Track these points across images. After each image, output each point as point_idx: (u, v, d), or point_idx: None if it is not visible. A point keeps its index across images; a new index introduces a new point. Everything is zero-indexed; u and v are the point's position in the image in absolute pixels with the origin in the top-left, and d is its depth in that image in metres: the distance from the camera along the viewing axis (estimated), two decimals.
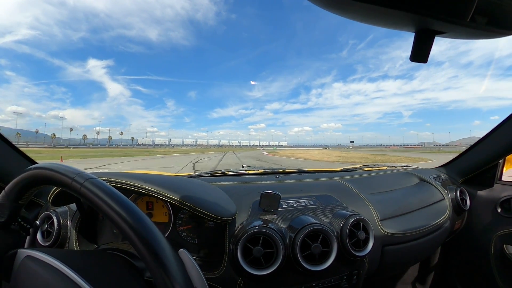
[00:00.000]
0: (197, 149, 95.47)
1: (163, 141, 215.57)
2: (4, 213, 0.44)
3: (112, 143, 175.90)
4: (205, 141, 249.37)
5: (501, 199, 1.32)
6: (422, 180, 1.34)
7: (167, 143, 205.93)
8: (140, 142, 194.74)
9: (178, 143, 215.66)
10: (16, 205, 0.45)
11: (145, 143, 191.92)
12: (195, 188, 0.81)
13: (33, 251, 0.42)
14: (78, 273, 0.39)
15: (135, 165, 15.11)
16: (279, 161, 19.45)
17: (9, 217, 0.45)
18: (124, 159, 21.47)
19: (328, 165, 15.37)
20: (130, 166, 14.48)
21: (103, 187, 0.41)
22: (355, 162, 15.10)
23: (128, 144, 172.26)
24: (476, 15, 0.30)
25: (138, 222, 0.38)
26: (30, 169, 0.43)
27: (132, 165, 14.78)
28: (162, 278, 0.35)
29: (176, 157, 24.64)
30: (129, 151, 54.53)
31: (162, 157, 25.16)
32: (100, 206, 0.39)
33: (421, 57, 0.35)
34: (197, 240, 0.86)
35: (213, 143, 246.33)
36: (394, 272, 1.45)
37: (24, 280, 0.40)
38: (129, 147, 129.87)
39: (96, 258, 0.53)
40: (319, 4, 0.31)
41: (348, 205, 0.95)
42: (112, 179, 0.69)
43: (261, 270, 0.70)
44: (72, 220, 0.85)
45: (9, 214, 0.45)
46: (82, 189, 0.40)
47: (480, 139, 1.38)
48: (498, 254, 1.27)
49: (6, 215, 0.44)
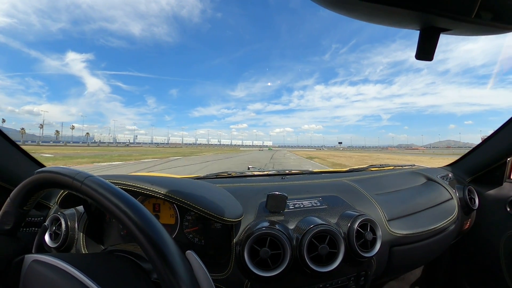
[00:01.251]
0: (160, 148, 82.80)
1: (143, 139, 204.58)
2: (10, 220, 0.45)
3: (90, 140, 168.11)
4: (179, 139, 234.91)
5: (510, 198, 1.29)
6: (430, 179, 1.32)
7: (151, 142, 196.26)
8: (119, 140, 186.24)
9: (146, 141, 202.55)
10: (21, 211, 0.46)
11: (124, 140, 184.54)
12: (201, 189, 0.82)
13: (40, 255, 0.43)
14: (86, 274, 0.39)
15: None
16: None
17: (15, 224, 0.46)
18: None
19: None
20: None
21: (102, 183, 0.41)
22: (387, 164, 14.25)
23: (106, 142, 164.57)
24: (481, 11, 0.29)
25: (141, 217, 0.38)
26: (33, 174, 0.44)
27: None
28: (169, 280, 0.35)
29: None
30: (137, 150, 47.29)
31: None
32: (102, 203, 0.40)
33: (427, 55, 0.34)
34: (204, 241, 0.86)
35: (189, 141, 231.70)
36: (402, 273, 1.43)
37: (32, 283, 0.40)
38: (113, 145, 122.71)
39: (103, 259, 0.53)
40: (323, 4, 0.31)
41: (355, 205, 0.94)
42: (120, 181, 0.70)
43: (268, 272, 0.70)
44: (79, 222, 0.86)
45: (15, 221, 0.45)
46: (83, 187, 0.41)
47: (488, 136, 1.36)
48: (508, 254, 1.25)
49: (12, 222, 0.45)
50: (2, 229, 0.45)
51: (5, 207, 0.45)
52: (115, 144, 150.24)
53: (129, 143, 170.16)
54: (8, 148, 0.95)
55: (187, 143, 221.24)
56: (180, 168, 11.33)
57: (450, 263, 1.51)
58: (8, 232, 0.45)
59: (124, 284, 0.46)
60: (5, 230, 0.45)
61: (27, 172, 0.99)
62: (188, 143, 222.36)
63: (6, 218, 0.45)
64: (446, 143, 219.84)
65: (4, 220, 0.45)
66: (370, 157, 25.75)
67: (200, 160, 17.08)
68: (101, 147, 65.39)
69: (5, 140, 0.93)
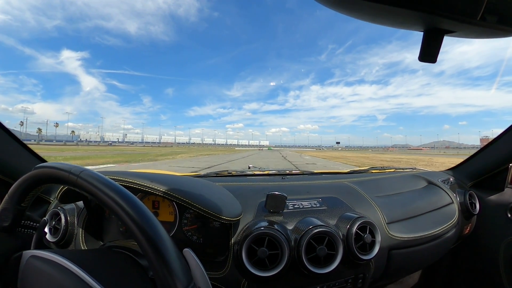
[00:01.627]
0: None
1: (133, 138, 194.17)
2: (8, 217, 0.45)
3: (74, 139, 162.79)
4: (172, 138, 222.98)
5: (511, 203, 1.28)
6: (430, 183, 1.32)
7: (141, 141, 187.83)
8: (108, 138, 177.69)
9: (137, 139, 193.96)
10: (19, 208, 0.46)
11: (113, 140, 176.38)
12: (201, 188, 0.82)
13: (38, 251, 0.43)
14: (84, 269, 0.39)
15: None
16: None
17: (13, 221, 0.46)
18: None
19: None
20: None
21: (98, 177, 0.41)
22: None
23: (93, 141, 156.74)
24: (486, 13, 0.29)
25: (137, 211, 0.38)
26: (32, 170, 0.44)
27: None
28: (165, 277, 0.35)
29: None
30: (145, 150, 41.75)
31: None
32: (98, 196, 0.40)
33: (430, 57, 0.34)
34: (202, 240, 0.86)
35: (183, 140, 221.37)
36: (400, 277, 1.43)
37: (30, 278, 0.41)
38: (102, 144, 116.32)
39: (101, 255, 0.53)
40: (327, 4, 0.30)
41: (354, 207, 0.94)
42: (119, 177, 0.70)
43: (266, 272, 0.70)
44: (79, 217, 0.86)
45: (13, 217, 0.46)
46: (79, 180, 0.41)
47: (490, 141, 1.35)
48: (507, 260, 1.24)
49: (10, 218, 0.45)
50: (0, 226, 0.45)
51: (3, 204, 0.45)
52: (97, 143, 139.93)
53: (111, 143, 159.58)
54: (10, 143, 0.95)
55: (180, 143, 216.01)
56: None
57: (449, 267, 1.51)
58: (6, 229, 0.45)
59: (121, 280, 0.46)
60: (3, 227, 0.45)
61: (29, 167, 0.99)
62: (182, 143, 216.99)
63: (4, 215, 0.45)
64: (442, 143, 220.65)
65: (2, 217, 0.45)
66: (382, 158, 23.42)
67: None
68: (68, 146, 56.77)
69: (7, 135, 0.93)
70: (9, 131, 0.94)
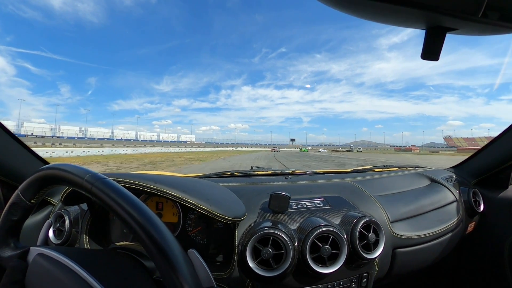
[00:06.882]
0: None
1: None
2: (17, 211, 0.46)
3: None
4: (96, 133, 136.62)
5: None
6: (434, 181, 1.31)
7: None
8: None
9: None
10: (29, 204, 0.46)
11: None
12: (204, 188, 0.82)
13: (45, 249, 0.43)
14: (88, 271, 0.40)
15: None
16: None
17: (21, 216, 0.46)
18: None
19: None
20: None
21: (113, 187, 0.42)
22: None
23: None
24: (488, 10, 0.29)
25: (148, 222, 0.39)
26: (43, 169, 0.44)
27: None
28: (171, 278, 0.36)
29: None
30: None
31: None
32: (111, 206, 0.40)
33: (432, 55, 0.34)
34: (206, 240, 0.86)
35: (106, 136, 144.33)
36: (405, 275, 1.43)
37: (35, 277, 0.41)
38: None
39: (106, 257, 0.54)
40: (330, 4, 0.30)
41: (358, 206, 0.94)
42: (123, 179, 0.70)
43: (270, 272, 0.70)
44: (83, 219, 0.86)
45: (22, 213, 0.46)
46: (93, 189, 0.41)
47: (493, 139, 1.34)
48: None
49: (19, 213, 0.46)
50: (9, 219, 0.46)
51: (13, 199, 0.46)
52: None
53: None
54: (12, 144, 0.96)
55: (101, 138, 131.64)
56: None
57: (453, 266, 1.50)
58: (14, 223, 0.46)
59: (126, 281, 0.46)
60: (12, 221, 0.46)
61: (30, 168, 1.00)
62: (91, 138, 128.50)
63: (14, 209, 0.46)
64: (361, 143, 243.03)
65: (11, 211, 0.46)
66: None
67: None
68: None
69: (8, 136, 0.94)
70: (10, 132, 0.94)
